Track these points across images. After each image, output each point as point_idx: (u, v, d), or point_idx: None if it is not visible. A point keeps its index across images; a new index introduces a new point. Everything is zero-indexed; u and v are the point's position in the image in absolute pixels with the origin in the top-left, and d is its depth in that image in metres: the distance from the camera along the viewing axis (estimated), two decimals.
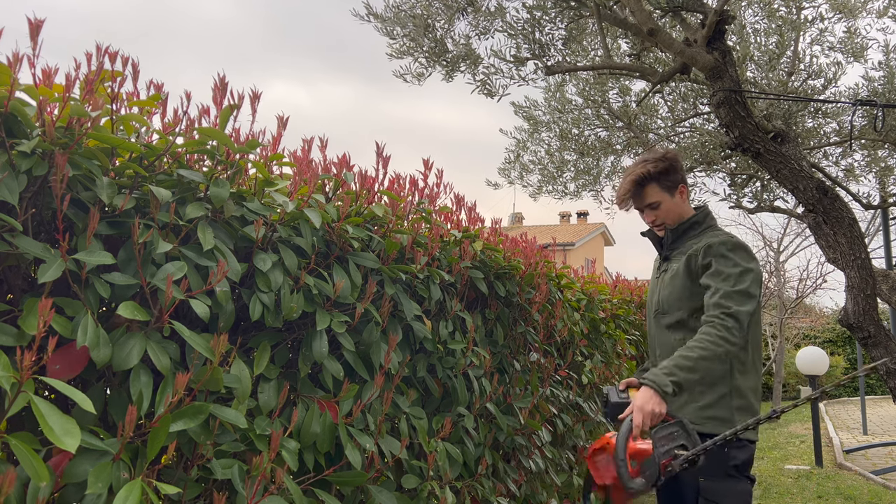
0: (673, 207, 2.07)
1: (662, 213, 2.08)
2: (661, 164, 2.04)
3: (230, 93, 1.51)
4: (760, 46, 3.52)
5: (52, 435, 0.92)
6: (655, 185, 2.05)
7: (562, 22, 3.07)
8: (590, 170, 4.48)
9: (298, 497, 1.37)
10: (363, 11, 3.24)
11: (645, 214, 2.13)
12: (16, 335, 1.07)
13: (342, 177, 1.85)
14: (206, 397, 1.32)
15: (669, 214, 2.08)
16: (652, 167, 2.03)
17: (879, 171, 4.19)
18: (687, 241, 2.07)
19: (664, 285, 2.07)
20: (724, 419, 1.91)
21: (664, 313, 2.05)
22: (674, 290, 2.02)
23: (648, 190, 2.05)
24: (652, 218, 2.11)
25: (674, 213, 2.08)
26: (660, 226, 2.12)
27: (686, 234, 2.08)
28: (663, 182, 2.04)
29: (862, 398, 8.42)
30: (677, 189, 2.07)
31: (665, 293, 2.06)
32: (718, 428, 1.88)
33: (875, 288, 2.85)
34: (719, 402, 1.91)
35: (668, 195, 2.06)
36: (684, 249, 2.05)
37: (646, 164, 2.04)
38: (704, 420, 1.91)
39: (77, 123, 1.20)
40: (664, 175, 2.04)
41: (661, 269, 2.15)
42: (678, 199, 2.07)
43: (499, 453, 2.52)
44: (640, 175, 2.04)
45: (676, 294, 2.01)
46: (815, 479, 5.59)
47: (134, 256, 1.23)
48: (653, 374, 1.76)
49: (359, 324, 1.71)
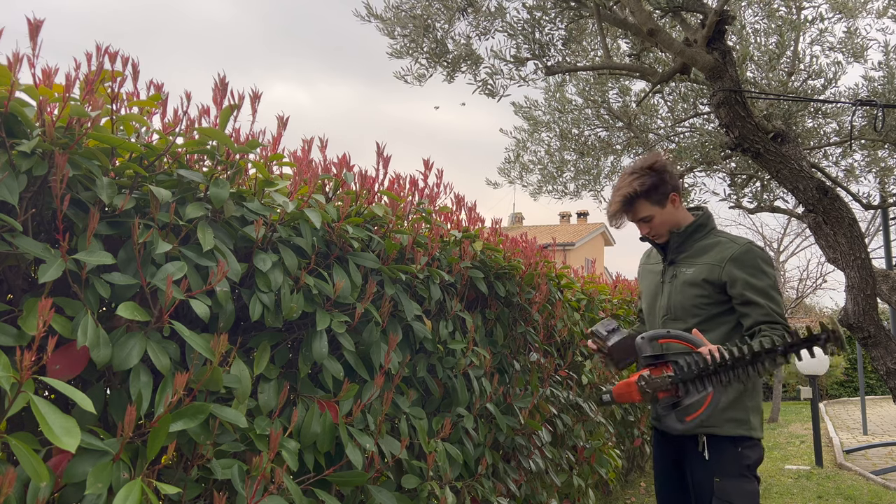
0: (667, 218, 2.05)
1: (656, 225, 2.06)
2: (647, 181, 2.00)
3: (230, 93, 1.51)
4: (760, 46, 3.51)
5: (51, 435, 0.92)
6: (644, 200, 2.02)
7: (562, 22, 3.07)
8: (590, 170, 4.48)
9: (298, 497, 1.37)
10: (363, 11, 3.24)
11: (639, 226, 2.11)
12: (16, 335, 1.07)
13: (342, 177, 1.85)
14: (206, 397, 1.32)
15: (663, 226, 2.06)
16: (638, 185, 2.00)
17: (879, 171, 4.19)
18: (693, 244, 2.05)
19: (676, 291, 2.04)
20: (741, 420, 1.93)
21: (676, 319, 2.03)
22: (689, 297, 1.99)
23: (638, 206, 2.03)
24: (646, 230, 2.10)
25: (668, 223, 2.06)
26: (654, 237, 2.10)
27: (691, 238, 2.06)
28: (652, 197, 2.02)
29: (862, 398, 8.42)
30: (668, 199, 2.04)
31: (678, 298, 2.02)
32: (736, 429, 1.91)
33: (875, 288, 2.85)
34: (737, 404, 1.93)
35: (658, 208, 2.03)
36: (694, 254, 2.03)
37: (632, 182, 2.01)
38: (724, 422, 1.92)
39: (77, 123, 1.20)
40: (652, 190, 2.01)
41: (666, 273, 2.11)
42: (670, 208, 2.05)
43: (499, 453, 2.52)
44: (627, 195, 2.02)
45: (692, 301, 1.99)
46: (815, 479, 5.59)
47: (134, 256, 1.23)
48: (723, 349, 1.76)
49: (359, 324, 1.71)
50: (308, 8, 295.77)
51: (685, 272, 2.03)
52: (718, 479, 1.88)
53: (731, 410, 1.92)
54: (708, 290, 1.96)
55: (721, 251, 1.98)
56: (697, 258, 2.02)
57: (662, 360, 1.77)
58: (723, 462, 1.90)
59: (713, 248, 2.01)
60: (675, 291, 2.04)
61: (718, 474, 1.89)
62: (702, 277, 1.97)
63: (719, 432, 1.91)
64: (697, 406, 1.72)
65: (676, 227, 2.07)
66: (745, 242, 1.99)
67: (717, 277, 1.95)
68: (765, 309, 1.89)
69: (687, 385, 1.72)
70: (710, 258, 1.99)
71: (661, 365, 1.78)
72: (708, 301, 1.97)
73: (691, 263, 2.03)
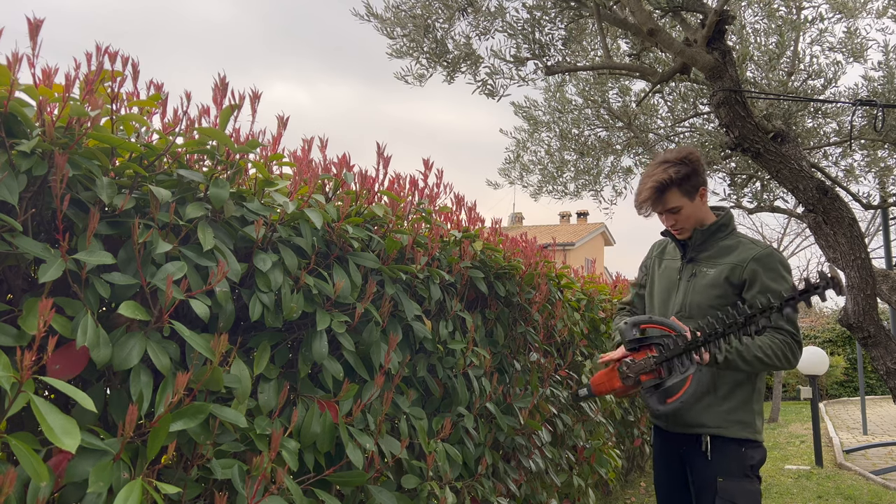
0: (694, 212, 2.01)
1: (683, 217, 2.01)
2: (682, 169, 1.96)
3: (230, 93, 1.51)
4: (760, 46, 3.52)
5: (52, 435, 0.92)
6: (676, 190, 1.97)
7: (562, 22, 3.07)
8: (590, 170, 4.48)
9: (298, 497, 1.37)
10: (363, 11, 3.24)
11: (664, 218, 2.06)
12: (16, 335, 1.07)
13: (342, 177, 1.85)
14: (206, 397, 1.32)
15: (690, 219, 2.02)
16: (674, 172, 1.95)
17: (879, 171, 4.19)
18: (716, 243, 2.03)
19: (694, 290, 2.01)
20: (747, 423, 1.93)
21: (690, 318, 2.00)
22: (708, 297, 1.97)
23: (669, 195, 1.98)
24: (672, 222, 2.04)
25: (694, 218, 2.02)
26: (678, 230, 2.06)
27: (714, 236, 2.04)
28: (684, 187, 1.97)
29: (862, 398, 8.42)
30: (698, 192, 2.00)
31: (696, 298, 2.00)
32: (741, 432, 1.92)
33: (875, 288, 2.85)
34: (743, 406, 1.94)
35: (688, 199, 1.99)
36: (716, 254, 2.01)
37: (667, 170, 1.97)
38: (730, 423, 1.92)
39: (77, 123, 1.20)
40: (686, 180, 1.97)
41: (684, 270, 2.08)
42: (698, 202, 2.02)
43: (499, 453, 2.52)
44: (662, 181, 1.96)
45: (710, 302, 1.97)
46: (815, 479, 5.59)
47: (134, 256, 1.23)
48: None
49: (359, 324, 1.71)
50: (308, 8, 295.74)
51: (706, 272, 2.00)
52: (721, 479, 1.88)
53: (738, 412, 1.92)
54: (727, 291, 1.95)
55: (743, 251, 1.97)
56: (719, 259, 2.00)
57: (645, 344, 1.83)
58: (726, 462, 1.90)
59: (735, 248, 1.99)
60: (694, 291, 2.01)
61: (721, 474, 1.89)
62: (724, 277, 1.96)
63: (725, 434, 1.91)
64: (678, 388, 1.78)
65: (700, 223, 2.04)
66: (767, 246, 2.00)
67: (739, 277, 1.94)
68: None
69: (672, 363, 1.77)
70: (732, 258, 1.97)
71: (643, 349, 1.84)
72: (724, 302, 1.95)
73: (713, 264, 2.00)
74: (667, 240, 2.23)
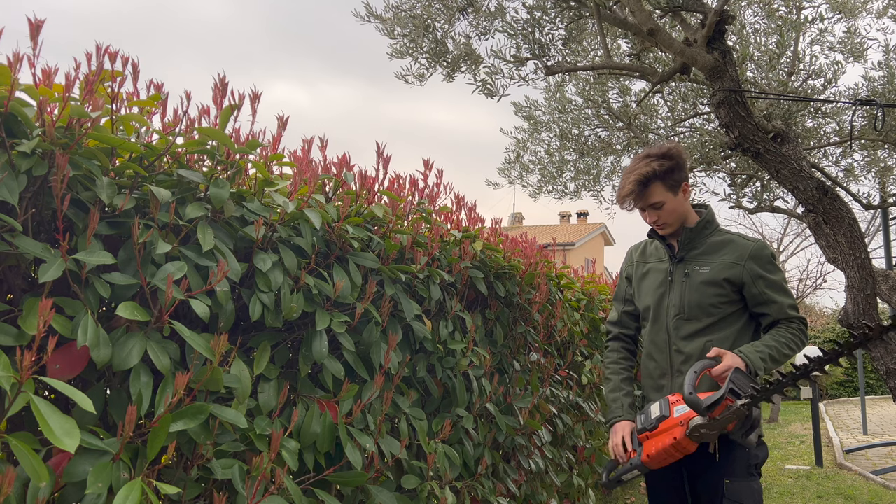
0: (676, 207, 2.00)
1: (665, 213, 2.00)
2: (665, 163, 1.95)
3: (230, 93, 1.51)
4: (760, 46, 3.52)
5: (51, 435, 0.92)
6: (660, 184, 1.96)
7: (562, 22, 3.07)
8: (590, 170, 4.48)
9: (298, 497, 1.37)
10: (363, 12, 3.24)
11: (647, 214, 2.04)
12: (16, 335, 1.07)
13: (342, 177, 1.85)
14: (206, 397, 1.32)
15: (673, 215, 2.00)
16: (657, 166, 1.94)
17: (879, 171, 4.19)
18: (704, 240, 2.03)
19: (690, 289, 1.99)
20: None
21: (690, 319, 1.98)
22: (707, 296, 1.96)
23: (652, 189, 1.96)
24: (654, 218, 2.03)
25: (677, 213, 2.01)
26: (661, 226, 2.05)
27: (702, 234, 2.04)
28: (668, 181, 1.96)
29: (862, 398, 8.43)
30: (680, 188, 1.99)
31: (694, 297, 1.98)
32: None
33: (875, 288, 2.85)
34: None
35: (671, 194, 1.98)
36: (707, 251, 2.01)
37: (650, 163, 1.95)
38: None
39: (77, 123, 1.20)
40: (669, 174, 1.96)
41: (675, 271, 2.05)
42: (681, 197, 2.00)
43: (499, 453, 2.52)
44: (645, 174, 1.94)
45: (710, 300, 1.96)
46: (815, 479, 5.59)
47: (134, 256, 1.23)
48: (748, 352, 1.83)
49: (359, 324, 1.71)
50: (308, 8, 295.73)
51: (700, 270, 1.99)
52: (728, 480, 1.86)
53: None
54: (727, 290, 1.95)
55: (737, 249, 1.97)
56: (711, 256, 1.99)
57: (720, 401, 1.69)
58: (733, 463, 1.87)
59: (726, 245, 1.99)
60: (691, 290, 1.99)
61: (728, 475, 1.86)
62: (723, 277, 1.95)
63: (733, 435, 1.89)
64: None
65: (683, 218, 2.03)
66: (758, 240, 2.03)
67: (739, 276, 1.94)
68: (781, 305, 1.94)
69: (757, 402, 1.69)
70: (727, 256, 1.97)
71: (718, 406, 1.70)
72: (725, 300, 1.95)
73: (706, 261, 1.99)
74: (645, 241, 2.22)
